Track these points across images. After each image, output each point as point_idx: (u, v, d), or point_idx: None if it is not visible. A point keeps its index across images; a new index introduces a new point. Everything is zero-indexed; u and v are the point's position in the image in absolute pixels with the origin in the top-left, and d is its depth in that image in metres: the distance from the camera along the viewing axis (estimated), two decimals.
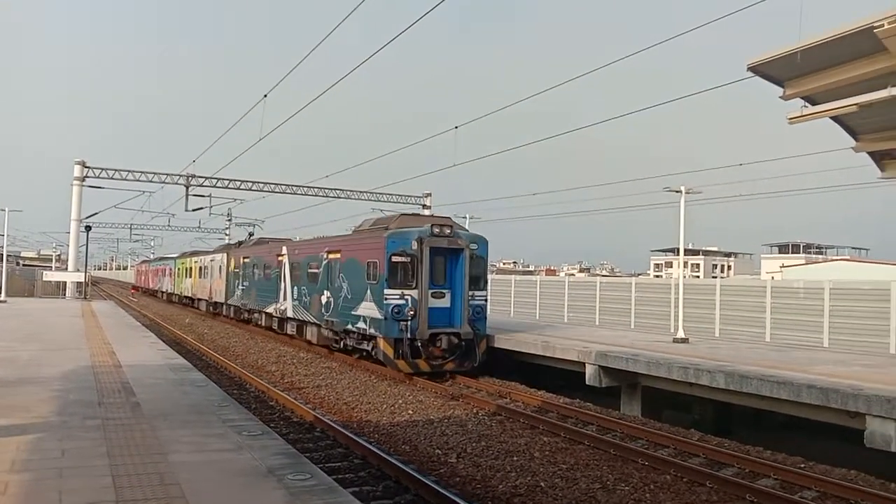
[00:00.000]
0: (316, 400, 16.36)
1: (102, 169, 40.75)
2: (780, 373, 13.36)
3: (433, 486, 9.32)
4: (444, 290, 19.36)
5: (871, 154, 16.16)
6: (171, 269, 57.17)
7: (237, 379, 19.21)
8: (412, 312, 18.42)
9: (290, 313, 26.32)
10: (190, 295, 48.27)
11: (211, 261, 41.66)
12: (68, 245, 45.93)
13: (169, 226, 69.24)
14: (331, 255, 22.55)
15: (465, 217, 35.50)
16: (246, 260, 33.68)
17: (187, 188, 41.53)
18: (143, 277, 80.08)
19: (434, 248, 18.88)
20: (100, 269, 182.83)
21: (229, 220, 64.72)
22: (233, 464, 7.02)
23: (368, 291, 19.46)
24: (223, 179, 42.29)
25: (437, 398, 16.13)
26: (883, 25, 11.02)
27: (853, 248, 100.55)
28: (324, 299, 22.78)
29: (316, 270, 23.74)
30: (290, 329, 26.57)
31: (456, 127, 26.18)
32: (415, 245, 18.66)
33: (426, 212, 47.98)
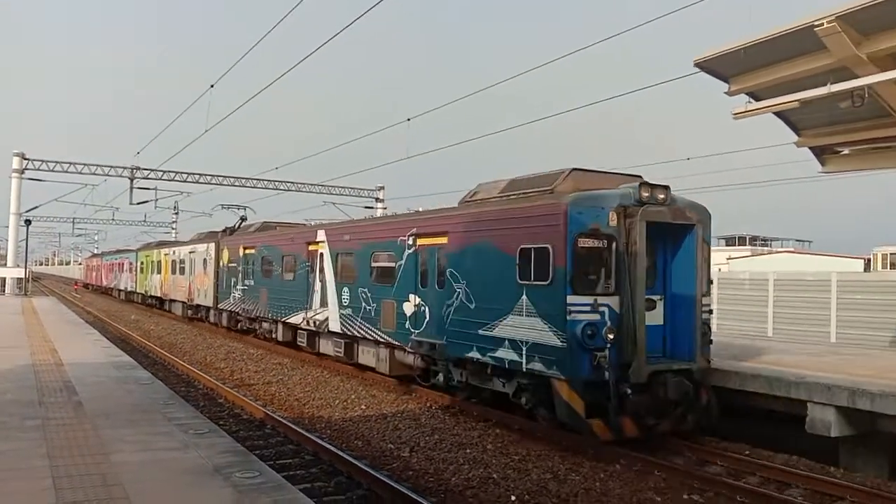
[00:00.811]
0: (266, 396, 16.14)
1: (43, 161, 39.49)
2: (726, 362, 13.67)
3: (386, 480, 9.28)
4: (653, 298, 11.86)
5: (812, 149, 16.63)
6: (131, 264, 48.46)
7: (184, 376, 18.83)
8: (612, 336, 10.89)
9: (333, 326, 18.46)
10: (159, 295, 39.58)
11: (190, 252, 33.05)
12: (7, 240, 44.39)
13: (113, 220, 67.82)
14: (423, 241, 14.85)
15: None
16: (249, 251, 25.16)
17: (132, 181, 40.51)
18: (93, 273, 71.18)
19: (649, 225, 11.24)
20: (41, 264, 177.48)
21: (176, 214, 63.44)
22: (178, 463, 6.87)
23: (525, 298, 11.62)
24: (169, 172, 41.36)
25: (390, 393, 16.06)
26: (823, 24, 11.36)
27: (797, 240, 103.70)
28: (408, 308, 15.09)
29: (389, 264, 16.09)
30: (331, 348, 19.05)
31: (408, 119, 26.04)
32: (614, 218, 11.18)
33: (379, 206, 47.69)
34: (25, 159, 39.40)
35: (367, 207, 47.40)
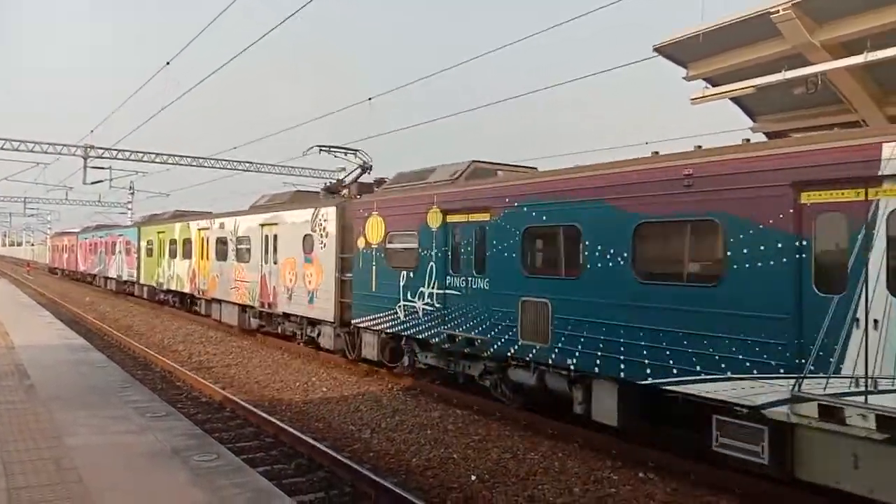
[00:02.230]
0: (226, 379, 16.00)
1: None
2: None
3: (346, 461, 9.30)
4: None
5: (768, 134, 16.95)
6: (129, 243, 35.80)
7: (141, 359, 18.55)
8: None
9: None
10: (186, 290, 27.21)
11: (265, 226, 20.56)
12: None
13: (66, 199, 66.17)
14: None
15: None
16: (468, 218, 12.69)
17: (85, 160, 39.43)
18: (64, 255, 58.33)
19: None
20: None
21: (132, 193, 62.13)
22: (135, 446, 6.80)
23: None
24: (124, 151, 40.37)
25: (352, 375, 16.05)
26: (778, 11, 11.59)
27: None
28: None
29: None
30: None
31: (370, 98, 25.77)
32: None
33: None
34: None
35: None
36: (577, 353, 10.22)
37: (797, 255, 7.70)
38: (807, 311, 7.60)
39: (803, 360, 7.62)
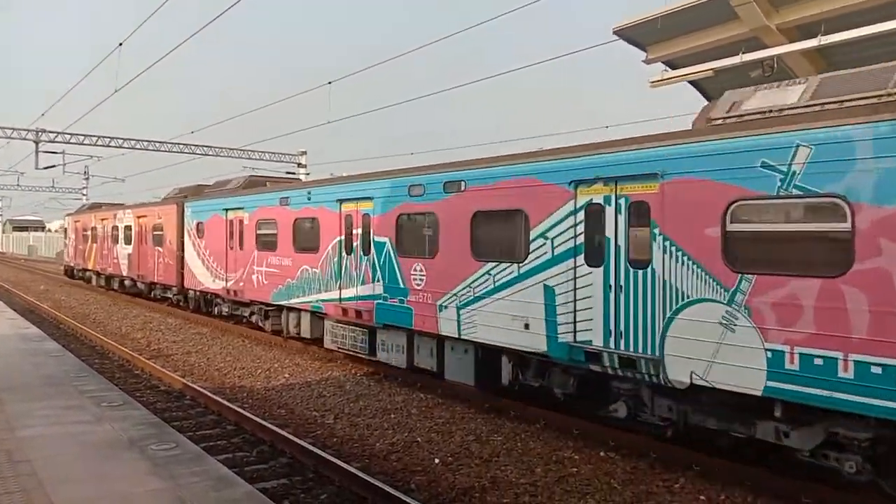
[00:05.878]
0: (185, 367, 15.76)
1: None
2: None
3: (309, 447, 9.25)
4: None
5: None
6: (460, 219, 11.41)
7: (98, 348, 18.17)
8: None
9: None
10: None
11: None
12: None
13: (18, 185, 64.43)
14: None
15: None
16: None
17: (37, 144, 38.29)
18: (151, 247, 25.54)
19: None
20: None
21: (86, 179, 60.63)
22: (91, 436, 6.66)
23: None
24: (77, 135, 39.26)
25: (315, 360, 15.95)
26: None
27: None
28: None
29: None
30: None
31: (329, 82, 25.45)
32: None
33: (301, 171, 46.82)
34: None
35: (288, 173, 46.44)
36: None
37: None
38: None
39: None
